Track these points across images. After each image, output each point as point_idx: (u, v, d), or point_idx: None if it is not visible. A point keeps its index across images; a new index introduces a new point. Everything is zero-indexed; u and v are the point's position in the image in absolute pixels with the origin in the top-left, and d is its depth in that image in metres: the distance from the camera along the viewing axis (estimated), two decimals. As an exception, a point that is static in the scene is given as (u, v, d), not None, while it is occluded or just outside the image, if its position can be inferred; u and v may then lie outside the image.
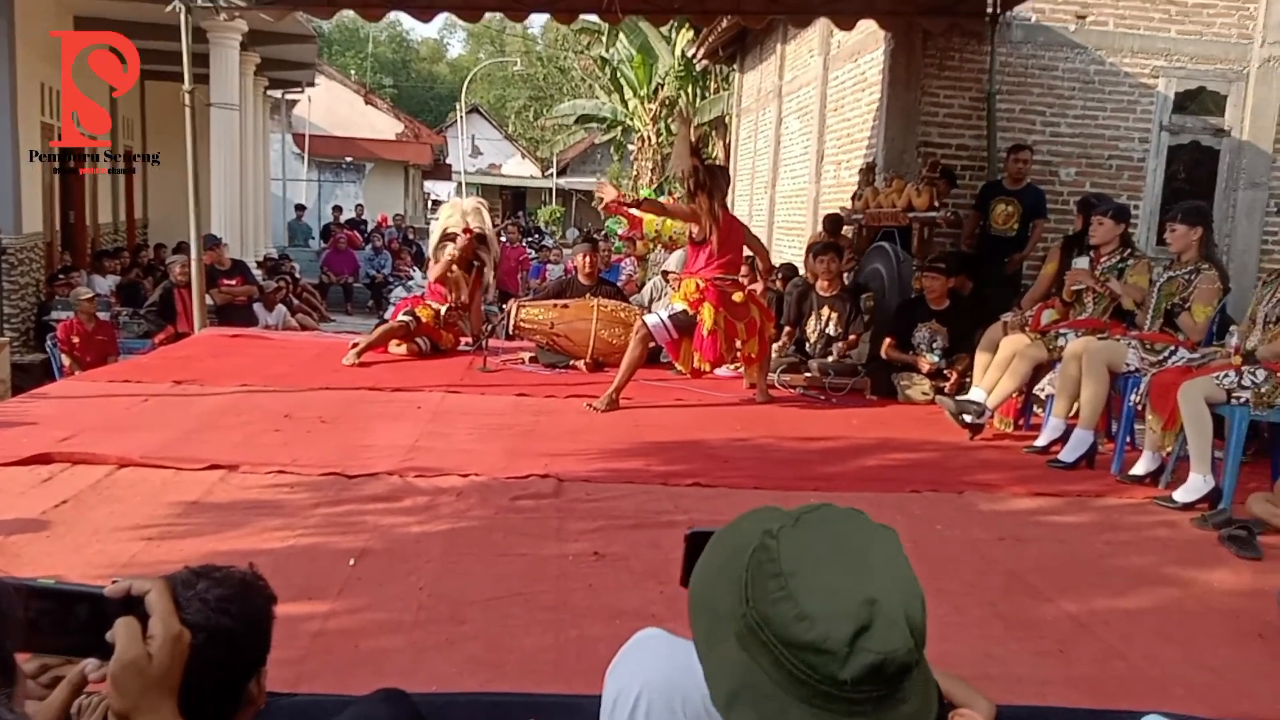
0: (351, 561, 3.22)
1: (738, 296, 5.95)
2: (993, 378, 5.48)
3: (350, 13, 9.01)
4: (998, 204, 7.63)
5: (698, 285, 5.91)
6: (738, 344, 6.03)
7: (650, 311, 6.42)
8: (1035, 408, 5.82)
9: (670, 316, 5.93)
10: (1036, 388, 5.62)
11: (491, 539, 3.51)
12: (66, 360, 8.63)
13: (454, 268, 7.50)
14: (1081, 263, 5.31)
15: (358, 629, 2.77)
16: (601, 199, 6.52)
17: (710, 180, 5.93)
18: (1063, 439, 5.07)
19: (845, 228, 8.60)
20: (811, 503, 1.01)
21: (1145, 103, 8.56)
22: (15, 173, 10.03)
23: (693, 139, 6.90)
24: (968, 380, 5.98)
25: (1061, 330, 5.33)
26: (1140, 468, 4.66)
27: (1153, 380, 4.56)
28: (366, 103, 28.72)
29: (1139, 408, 4.70)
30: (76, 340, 8.72)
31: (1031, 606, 3.16)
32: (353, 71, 35.38)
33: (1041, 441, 5.20)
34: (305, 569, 3.16)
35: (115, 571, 3.06)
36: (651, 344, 6.13)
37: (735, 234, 6.11)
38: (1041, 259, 6.66)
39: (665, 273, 8.32)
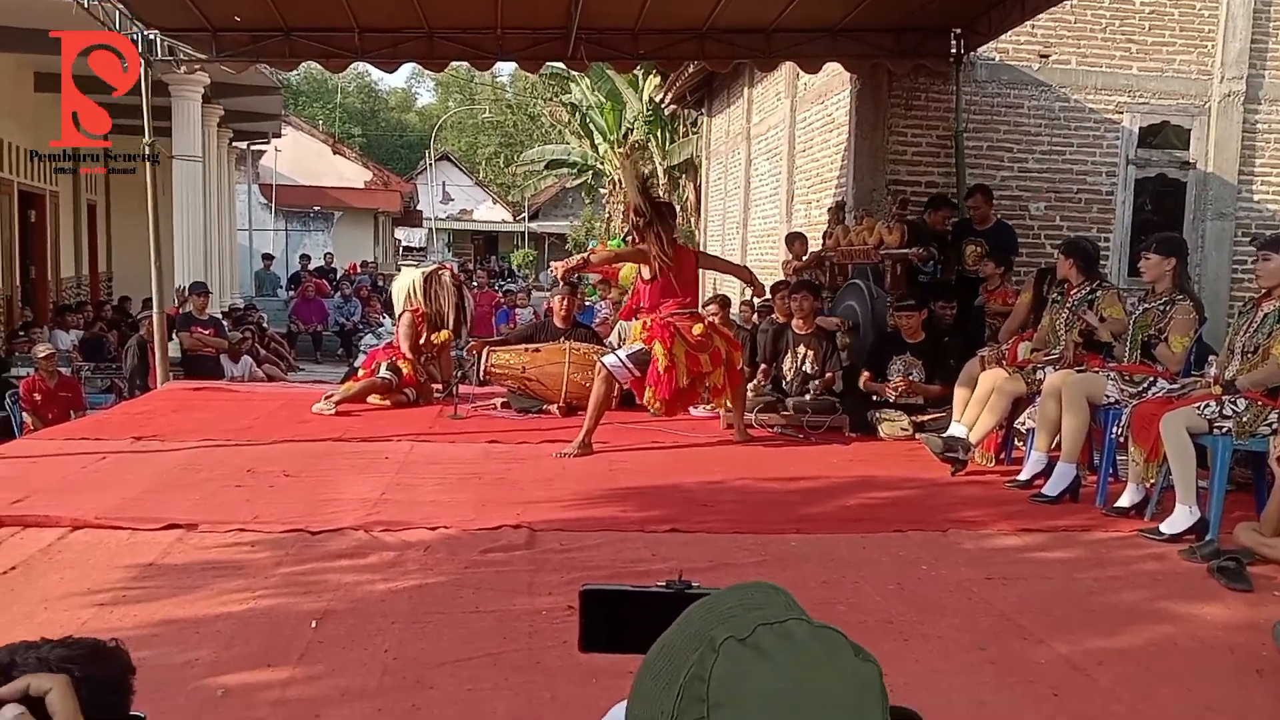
0: (313, 624, 3.07)
1: (697, 329, 5.81)
2: (973, 413, 5.42)
3: (317, 64, 8.94)
4: (967, 245, 7.60)
5: (644, 324, 5.83)
6: (704, 377, 5.89)
7: (613, 352, 6.29)
8: (1016, 441, 5.75)
9: (629, 355, 5.82)
10: (1017, 422, 5.56)
11: (460, 595, 3.37)
12: (28, 418, 8.41)
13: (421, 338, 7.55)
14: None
15: (319, 697, 2.63)
16: (556, 276, 6.56)
17: (657, 217, 5.84)
18: (1045, 473, 5.00)
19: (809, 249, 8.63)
20: (778, 606, 0.76)
21: (1111, 138, 8.62)
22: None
23: (638, 177, 6.86)
24: (942, 415, 5.93)
25: (1039, 364, 5.28)
26: (1125, 500, 4.60)
27: (1134, 412, 4.51)
28: (334, 152, 28.70)
29: (1121, 440, 4.64)
30: (39, 397, 8.50)
31: (1022, 649, 3.06)
32: (320, 121, 35.37)
33: (1024, 476, 5.13)
34: (265, 633, 3.02)
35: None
36: (623, 387, 6.01)
37: (687, 268, 6.01)
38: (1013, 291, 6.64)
39: None
